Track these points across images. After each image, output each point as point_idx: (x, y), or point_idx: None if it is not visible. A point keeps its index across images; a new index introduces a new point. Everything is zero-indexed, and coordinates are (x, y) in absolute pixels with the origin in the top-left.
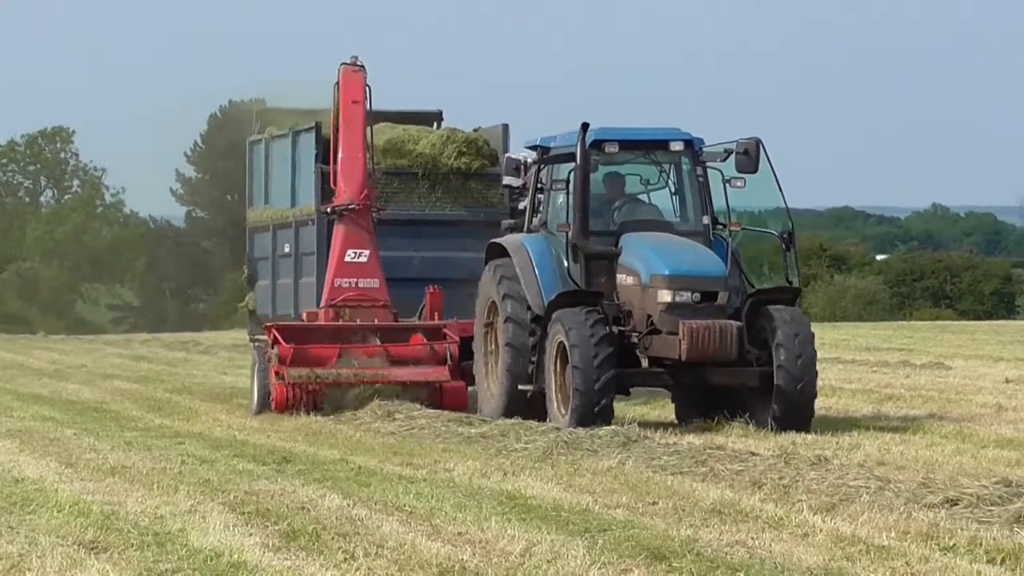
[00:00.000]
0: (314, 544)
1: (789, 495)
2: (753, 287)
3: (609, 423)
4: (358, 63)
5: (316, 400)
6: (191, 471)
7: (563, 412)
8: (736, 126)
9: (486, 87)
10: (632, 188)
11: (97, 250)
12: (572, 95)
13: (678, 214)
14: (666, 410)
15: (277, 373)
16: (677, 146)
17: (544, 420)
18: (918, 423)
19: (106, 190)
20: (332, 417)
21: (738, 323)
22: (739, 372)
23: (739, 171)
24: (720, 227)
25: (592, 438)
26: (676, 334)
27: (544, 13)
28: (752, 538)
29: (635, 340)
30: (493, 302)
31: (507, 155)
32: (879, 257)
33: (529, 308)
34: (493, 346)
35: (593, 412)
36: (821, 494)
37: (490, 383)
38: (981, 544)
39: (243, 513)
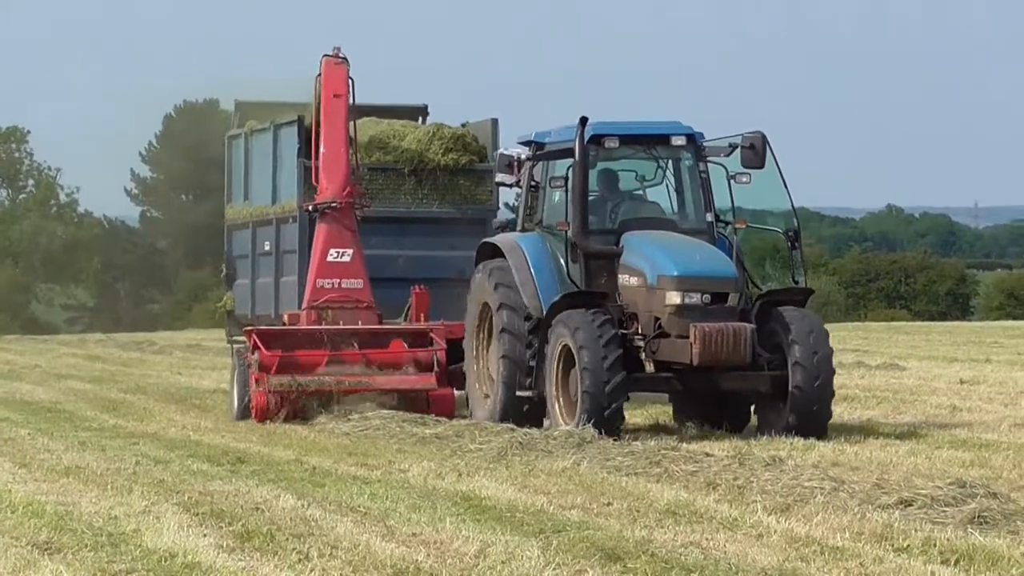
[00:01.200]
0: (268, 545)
1: (744, 496)
2: (758, 287)
3: (619, 429)
4: (340, 55)
5: (298, 410)
6: (145, 472)
7: (566, 420)
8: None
9: (471, 82)
10: (627, 185)
11: (52, 250)
12: (559, 91)
13: (680, 211)
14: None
15: (257, 380)
16: (679, 140)
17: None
18: (872, 424)
19: (61, 190)
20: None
21: (752, 325)
22: (750, 377)
23: (745, 166)
24: (722, 225)
25: (547, 439)
26: (686, 337)
27: (532, 7)
28: (707, 539)
29: (639, 344)
30: (486, 304)
31: (500, 151)
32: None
33: (528, 315)
34: (486, 350)
35: (603, 416)
36: (775, 495)
37: (482, 387)
38: (935, 545)
39: (197, 514)
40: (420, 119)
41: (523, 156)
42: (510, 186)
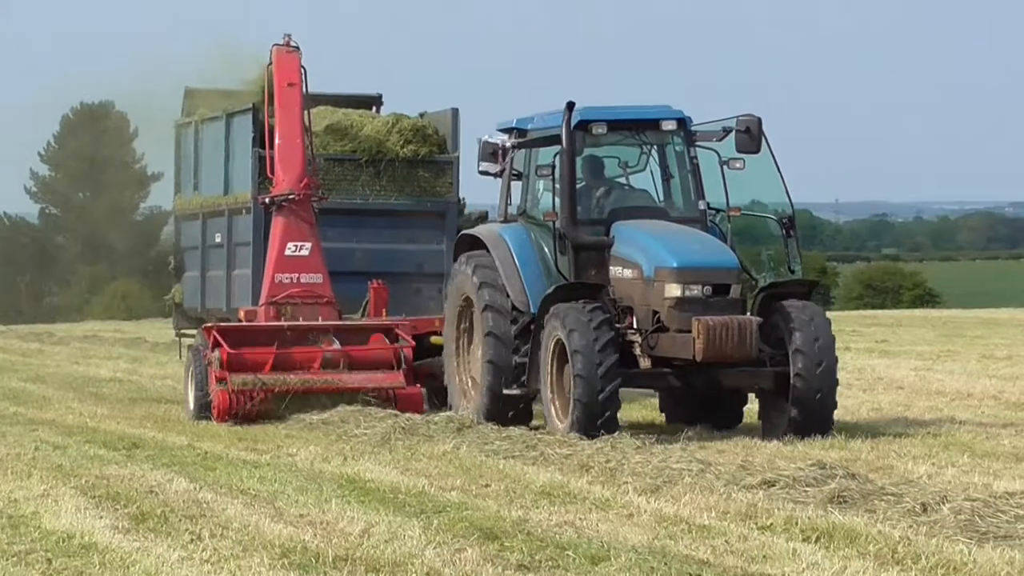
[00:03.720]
0: (162, 526)
1: (615, 478)
2: (753, 279)
3: (613, 434)
4: (292, 43)
5: (261, 408)
6: (44, 457)
7: (561, 419)
8: None
9: (422, 71)
10: (611, 171)
11: None
12: (515, 79)
13: (672, 199)
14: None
15: (219, 379)
16: (669, 125)
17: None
18: None
19: None
20: (178, 404)
21: (757, 319)
22: (753, 374)
23: (740, 151)
24: (713, 212)
25: (428, 424)
26: (688, 332)
27: None
28: (580, 518)
29: (632, 339)
30: (468, 298)
31: (482, 139)
32: None
33: (514, 307)
34: (467, 345)
35: (596, 424)
36: (645, 476)
37: (464, 385)
38: (797, 523)
39: (94, 497)
40: (374, 108)
41: (508, 144)
42: (494, 175)
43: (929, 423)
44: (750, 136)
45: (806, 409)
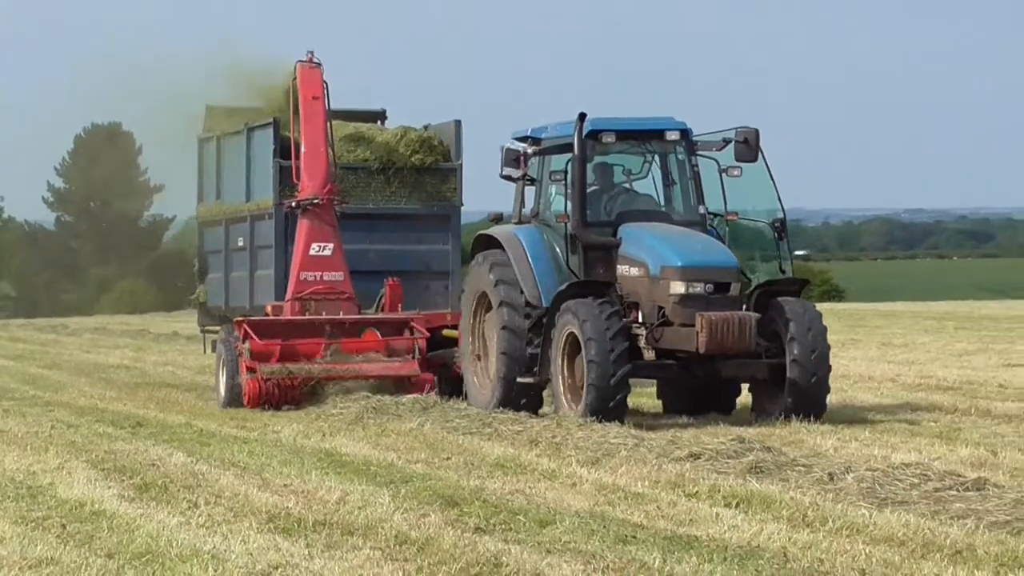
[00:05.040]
0: (163, 495)
1: (560, 451)
2: (747, 278)
3: (622, 418)
4: (314, 60)
5: (291, 395)
6: (59, 434)
7: (573, 405)
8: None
9: (423, 84)
10: (617, 178)
11: None
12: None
13: (674, 204)
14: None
15: (250, 368)
16: (673, 135)
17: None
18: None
19: None
20: (177, 387)
21: (756, 314)
22: (750, 364)
23: (738, 160)
24: (711, 216)
25: (396, 405)
26: (691, 326)
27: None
28: (530, 487)
29: (637, 332)
30: (484, 293)
31: (505, 146)
32: None
33: (527, 303)
34: (481, 336)
35: (607, 407)
36: (587, 450)
37: (478, 376)
38: (719, 491)
39: (103, 469)
40: (379, 122)
41: (528, 151)
42: (517, 180)
43: (835, 403)
44: (748, 146)
45: (802, 393)
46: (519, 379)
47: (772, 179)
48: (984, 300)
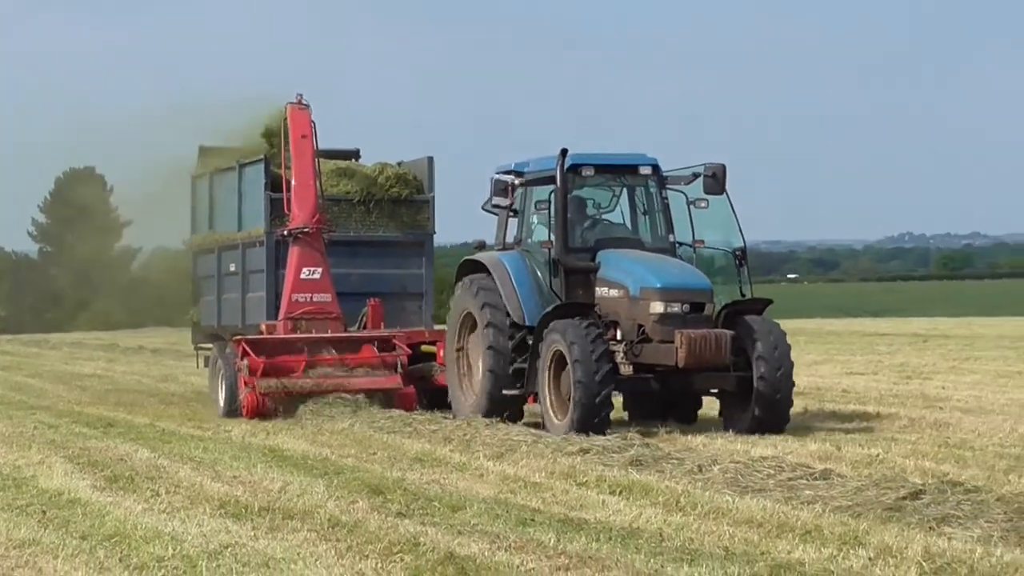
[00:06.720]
0: (130, 485)
1: (470, 447)
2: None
3: (604, 432)
4: (303, 101)
5: (284, 406)
6: (41, 433)
7: (558, 418)
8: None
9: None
10: (590, 211)
11: None
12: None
13: (646, 232)
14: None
15: (247, 383)
16: (646, 170)
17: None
18: None
19: None
20: (142, 393)
21: (730, 332)
22: (720, 377)
23: (706, 193)
24: (679, 244)
25: (330, 407)
26: (670, 342)
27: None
28: (444, 478)
29: (614, 349)
30: (469, 313)
31: (494, 177)
32: None
33: (512, 323)
34: (466, 353)
35: (593, 423)
36: (493, 446)
37: (463, 391)
38: (606, 480)
39: (79, 463)
40: (354, 161)
41: (515, 182)
42: (505, 208)
43: (706, 405)
44: (716, 180)
45: (767, 408)
46: (505, 391)
47: (733, 210)
48: (830, 318)
